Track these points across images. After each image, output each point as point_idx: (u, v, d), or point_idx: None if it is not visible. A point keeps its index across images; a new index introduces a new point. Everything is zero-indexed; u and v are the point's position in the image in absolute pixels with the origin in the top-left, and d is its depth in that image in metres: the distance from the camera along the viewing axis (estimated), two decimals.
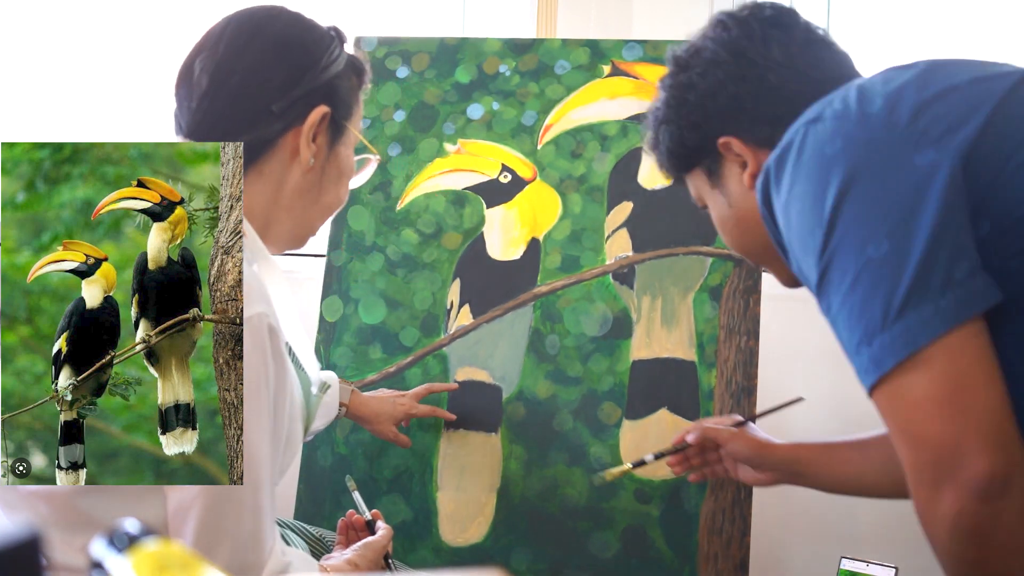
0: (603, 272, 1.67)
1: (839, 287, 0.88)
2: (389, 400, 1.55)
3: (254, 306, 0.93)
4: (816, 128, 0.92)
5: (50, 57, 2.15)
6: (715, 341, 1.61)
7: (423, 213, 1.73)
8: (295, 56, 1.03)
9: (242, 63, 1.01)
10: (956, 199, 0.86)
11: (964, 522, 0.82)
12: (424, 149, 1.76)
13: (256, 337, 0.93)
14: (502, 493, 1.60)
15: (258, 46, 1.02)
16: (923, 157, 0.87)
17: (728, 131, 1.08)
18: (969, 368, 0.82)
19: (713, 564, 1.53)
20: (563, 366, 1.64)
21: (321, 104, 1.03)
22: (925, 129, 0.88)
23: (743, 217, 1.11)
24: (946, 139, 0.87)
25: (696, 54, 1.10)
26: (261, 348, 0.94)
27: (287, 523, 1.40)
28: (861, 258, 0.86)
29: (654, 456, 1.40)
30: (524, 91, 1.76)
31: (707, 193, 1.15)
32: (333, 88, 1.05)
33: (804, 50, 1.07)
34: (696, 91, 1.09)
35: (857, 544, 1.87)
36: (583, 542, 1.57)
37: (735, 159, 1.09)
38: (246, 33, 1.02)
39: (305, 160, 1.04)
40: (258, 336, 0.94)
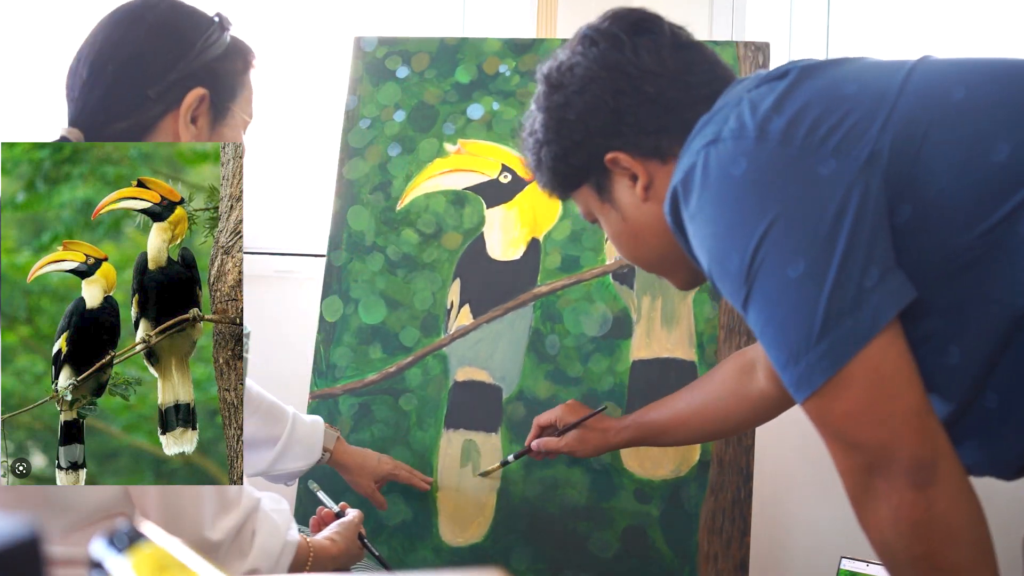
0: (603, 272, 1.67)
1: (763, 309, 0.91)
2: (374, 456, 1.56)
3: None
4: (717, 149, 0.93)
5: (50, 57, 2.15)
6: (715, 341, 1.61)
7: (423, 213, 1.73)
8: (170, 42, 1.06)
9: (119, 52, 1.05)
10: (864, 204, 0.89)
11: (903, 514, 0.87)
12: (424, 149, 1.76)
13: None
14: (502, 493, 1.60)
15: (134, 35, 1.06)
16: (826, 167, 0.90)
17: (613, 146, 1.07)
18: (890, 374, 0.88)
19: (713, 564, 1.53)
20: (563, 366, 1.64)
21: (198, 87, 1.06)
22: (824, 139, 0.90)
23: (638, 230, 1.10)
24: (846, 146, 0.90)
25: (569, 71, 1.08)
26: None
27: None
28: (781, 279, 0.89)
29: (514, 457, 1.56)
30: (524, 91, 1.76)
31: (597, 208, 1.13)
32: (211, 71, 1.07)
33: (675, 54, 1.06)
34: (574, 109, 1.07)
35: (857, 544, 1.87)
36: (583, 542, 1.57)
37: (623, 173, 1.08)
38: (124, 23, 1.07)
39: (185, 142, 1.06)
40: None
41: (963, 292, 0.90)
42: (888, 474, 0.88)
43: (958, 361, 0.92)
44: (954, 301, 0.91)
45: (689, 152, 0.97)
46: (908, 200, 0.89)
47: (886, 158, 0.89)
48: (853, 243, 0.88)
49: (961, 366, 0.92)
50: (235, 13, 1.11)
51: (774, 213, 0.89)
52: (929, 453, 0.87)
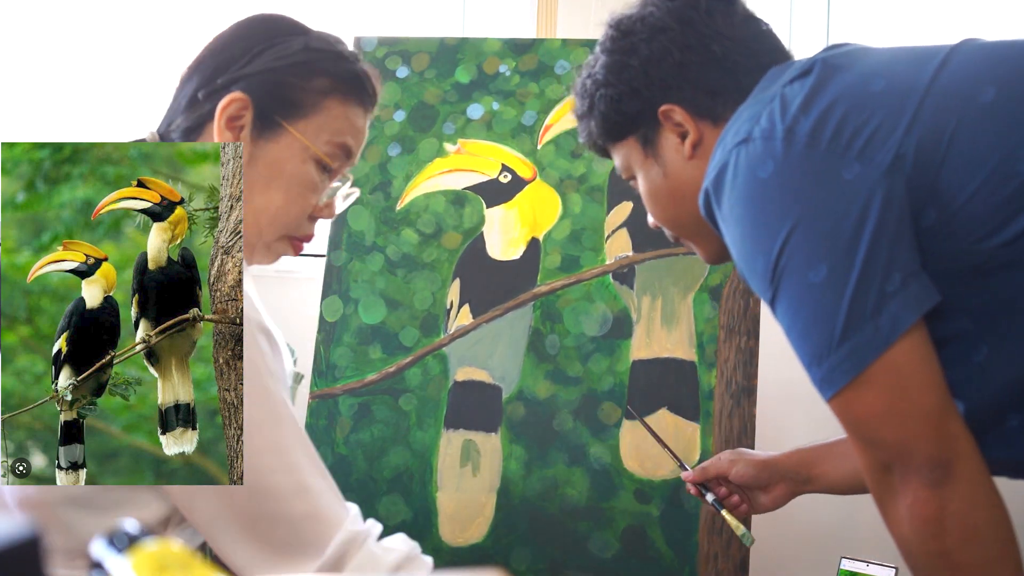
0: (603, 272, 1.67)
1: (788, 311, 0.93)
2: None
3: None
4: (748, 150, 0.94)
5: (50, 57, 2.15)
6: (715, 341, 1.61)
7: (423, 213, 1.73)
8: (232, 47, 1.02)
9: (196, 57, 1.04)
10: (887, 209, 0.89)
11: (918, 510, 0.89)
12: (424, 149, 1.76)
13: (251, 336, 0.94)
14: (502, 493, 1.60)
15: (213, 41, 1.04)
16: (850, 171, 0.90)
17: (670, 99, 1.07)
18: (910, 376, 0.89)
19: (713, 564, 1.53)
20: (563, 366, 1.64)
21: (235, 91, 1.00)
22: (849, 143, 0.91)
23: (677, 187, 1.10)
24: (870, 149, 0.90)
25: (641, 20, 1.09)
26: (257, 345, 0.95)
27: None
28: (803, 284, 0.91)
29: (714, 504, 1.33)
30: (524, 91, 1.76)
31: (639, 163, 1.13)
32: (265, 79, 1.00)
33: (744, 23, 1.08)
34: (639, 56, 1.08)
35: (857, 544, 1.87)
36: (583, 542, 1.57)
37: (674, 128, 1.08)
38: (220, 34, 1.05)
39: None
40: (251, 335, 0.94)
41: (990, 296, 0.90)
42: (904, 472, 0.90)
43: (985, 359, 0.92)
44: (982, 304, 0.91)
45: (723, 148, 0.97)
46: (933, 205, 0.89)
47: (911, 163, 0.89)
48: (874, 248, 0.88)
49: (989, 365, 0.92)
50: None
51: (797, 217, 0.90)
52: (945, 453, 0.88)
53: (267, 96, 1.01)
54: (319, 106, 1.03)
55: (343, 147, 1.05)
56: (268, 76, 1.01)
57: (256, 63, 1.01)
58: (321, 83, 1.03)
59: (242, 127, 1.00)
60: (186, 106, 1.02)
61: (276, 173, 1.02)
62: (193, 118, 1.02)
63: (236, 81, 1.00)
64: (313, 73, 1.02)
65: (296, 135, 1.01)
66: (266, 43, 1.02)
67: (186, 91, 1.03)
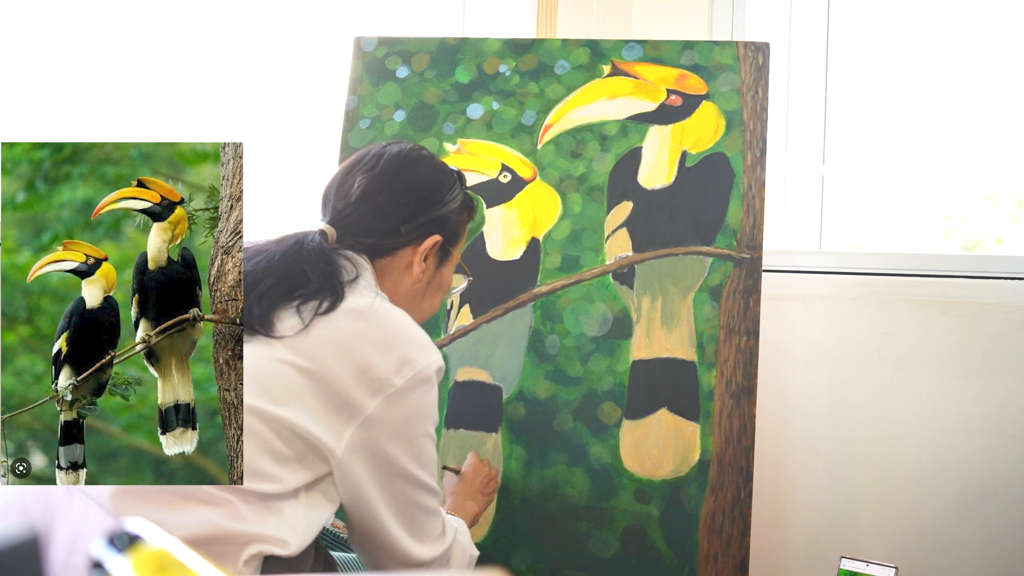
0: (603, 272, 1.67)
1: None
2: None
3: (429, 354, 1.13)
4: None
5: (50, 57, 2.15)
6: (715, 341, 1.61)
7: None
8: (427, 192, 1.25)
9: (391, 188, 1.23)
10: None
11: None
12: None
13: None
14: (502, 493, 1.60)
15: (407, 178, 1.25)
16: None
17: None
18: None
19: (713, 564, 1.53)
20: (563, 366, 1.64)
21: (436, 234, 1.24)
22: None
23: None
24: None
25: None
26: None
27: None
28: None
29: None
30: (524, 91, 1.76)
31: None
32: (447, 220, 1.26)
33: None
34: None
35: (857, 544, 1.87)
36: (583, 542, 1.57)
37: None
38: (403, 165, 1.25)
39: (415, 275, 1.24)
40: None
41: None
42: None
43: None
44: None
45: None
46: None
47: None
48: None
49: None
50: (236, 13, 1.11)
51: None
52: None
53: (448, 233, 1.27)
54: (464, 232, 1.33)
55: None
56: (449, 216, 1.27)
57: (444, 208, 1.26)
58: (467, 215, 1.32)
59: (428, 257, 1.25)
60: (386, 233, 1.22)
61: (444, 286, 1.31)
62: (391, 243, 1.22)
63: (431, 222, 1.24)
64: (465, 209, 1.31)
65: (457, 256, 1.31)
66: (445, 190, 1.27)
67: (381, 218, 1.22)
